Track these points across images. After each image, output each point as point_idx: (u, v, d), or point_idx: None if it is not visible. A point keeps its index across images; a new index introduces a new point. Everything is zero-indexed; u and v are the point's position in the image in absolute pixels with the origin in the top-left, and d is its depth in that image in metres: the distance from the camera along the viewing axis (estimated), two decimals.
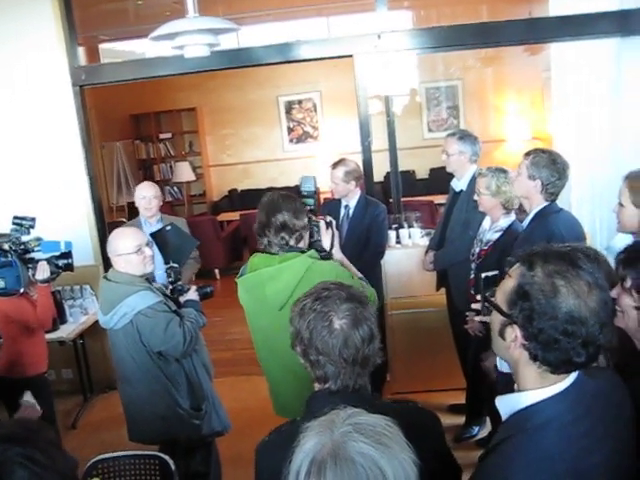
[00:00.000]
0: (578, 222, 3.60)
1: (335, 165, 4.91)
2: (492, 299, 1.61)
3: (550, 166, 3.38)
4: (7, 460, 1.40)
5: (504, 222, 3.89)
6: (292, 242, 2.99)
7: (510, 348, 1.54)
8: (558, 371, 1.51)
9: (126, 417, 3.70)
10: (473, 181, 4.31)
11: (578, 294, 1.44)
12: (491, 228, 3.96)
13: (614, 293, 1.92)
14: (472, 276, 4.07)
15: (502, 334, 1.56)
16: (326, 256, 3.11)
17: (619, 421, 1.59)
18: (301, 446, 1.31)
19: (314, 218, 3.18)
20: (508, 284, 1.55)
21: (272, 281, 2.95)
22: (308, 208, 3.19)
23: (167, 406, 3.48)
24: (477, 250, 4.03)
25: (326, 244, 3.15)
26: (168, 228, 4.58)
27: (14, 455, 1.41)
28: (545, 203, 3.43)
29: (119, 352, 3.51)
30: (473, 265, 4.04)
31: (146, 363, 3.43)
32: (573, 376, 1.54)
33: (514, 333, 1.52)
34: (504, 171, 3.88)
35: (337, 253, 3.19)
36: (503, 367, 1.83)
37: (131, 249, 3.42)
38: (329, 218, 3.22)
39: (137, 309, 3.32)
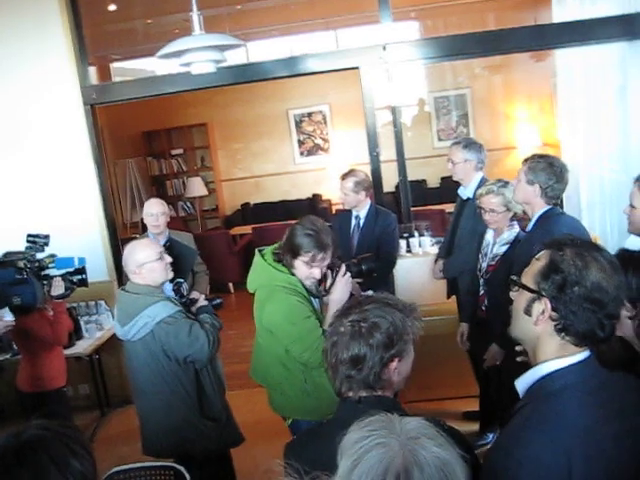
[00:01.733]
0: (582, 225, 3.64)
1: (344, 176, 4.94)
2: (519, 281, 1.74)
3: (547, 169, 3.42)
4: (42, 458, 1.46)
5: (509, 235, 3.88)
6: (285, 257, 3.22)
7: (537, 322, 1.66)
8: (581, 343, 1.63)
9: (141, 431, 3.72)
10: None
11: (603, 269, 1.61)
12: (496, 242, 3.94)
13: None
14: (482, 292, 4.06)
15: (528, 311, 1.68)
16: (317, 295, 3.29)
17: (636, 409, 1.65)
18: (365, 459, 1.28)
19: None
20: (536, 265, 1.69)
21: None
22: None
23: (183, 418, 3.51)
24: (484, 265, 4.00)
25: (331, 288, 3.24)
26: (167, 244, 4.68)
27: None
28: (547, 207, 3.47)
29: (136, 364, 3.54)
30: (481, 280, 4.03)
31: (164, 374, 3.46)
32: (586, 353, 1.65)
33: (542, 307, 1.65)
34: (507, 182, 3.90)
35: (333, 295, 3.19)
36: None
37: (154, 256, 3.50)
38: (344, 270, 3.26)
39: (158, 318, 3.36)
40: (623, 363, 1.95)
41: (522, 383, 1.71)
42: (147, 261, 3.48)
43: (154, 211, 4.97)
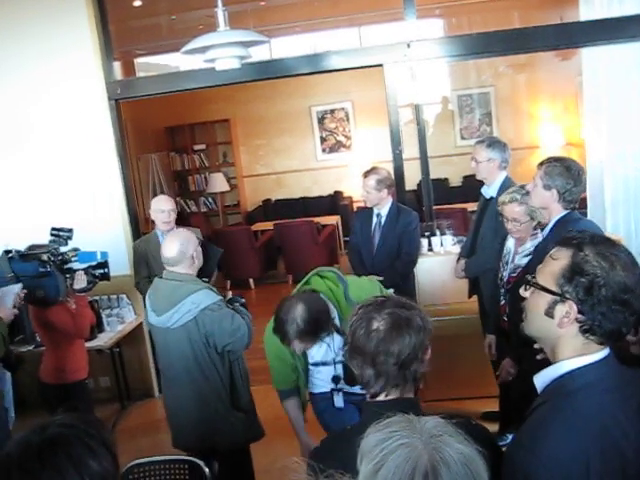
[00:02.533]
0: (600, 230, 3.54)
1: (367, 174, 4.93)
2: (536, 282, 1.69)
3: (564, 174, 3.31)
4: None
5: (532, 244, 3.75)
6: None
7: (561, 324, 1.63)
8: (607, 342, 1.61)
9: (171, 423, 3.78)
10: (503, 188, 4.29)
11: (626, 267, 1.59)
12: (519, 252, 3.84)
13: None
14: (502, 302, 3.98)
15: (550, 313, 1.64)
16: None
17: None
18: (389, 460, 1.26)
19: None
20: (556, 265, 1.64)
21: None
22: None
23: (215, 409, 3.57)
24: (505, 275, 3.90)
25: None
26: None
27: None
28: (564, 212, 3.36)
29: (174, 352, 3.57)
30: (502, 290, 3.94)
31: (201, 362, 3.51)
32: (605, 351, 1.63)
33: (566, 309, 1.61)
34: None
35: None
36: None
37: (198, 242, 3.64)
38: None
39: (202, 305, 3.42)
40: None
41: (540, 379, 1.69)
42: (197, 245, 3.61)
43: (165, 208, 4.97)
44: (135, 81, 6.29)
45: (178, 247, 3.53)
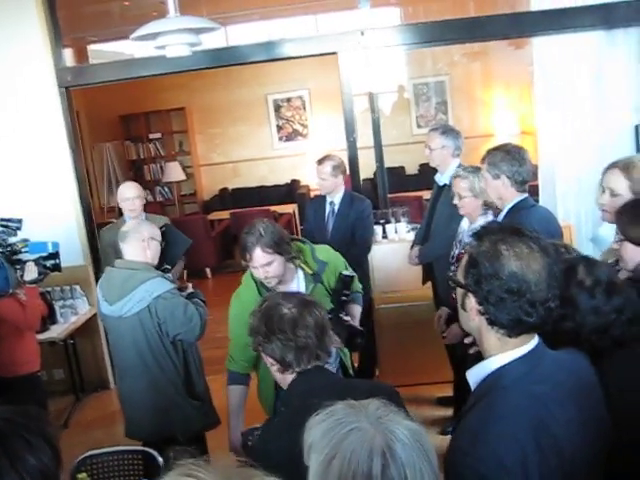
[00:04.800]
0: (554, 218, 3.57)
1: (321, 161, 4.94)
2: (454, 276, 1.73)
3: (506, 158, 3.34)
4: None
5: (482, 224, 3.80)
6: None
7: (470, 316, 1.65)
8: (513, 333, 1.60)
9: (125, 412, 3.75)
10: None
11: (519, 257, 1.57)
12: (469, 230, 3.86)
13: None
14: None
15: (463, 305, 1.68)
16: None
17: (588, 398, 1.67)
18: (342, 447, 1.27)
19: None
20: (464, 259, 1.68)
21: None
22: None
23: (170, 398, 3.55)
24: (456, 252, 3.97)
25: None
26: (163, 229, 4.60)
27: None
28: (519, 197, 3.38)
29: (124, 342, 3.55)
30: (452, 267, 3.98)
31: (154, 351, 3.49)
32: (533, 343, 1.63)
33: (472, 301, 1.63)
34: (478, 168, 3.77)
35: None
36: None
37: (158, 237, 3.63)
38: None
39: (155, 294, 3.40)
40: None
41: (473, 376, 1.69)
42: (155, 237, 3.58)
43: (129, 195, 4.92)
44: (86, 68, 6.15)
45: (132, 224, 3.55)
